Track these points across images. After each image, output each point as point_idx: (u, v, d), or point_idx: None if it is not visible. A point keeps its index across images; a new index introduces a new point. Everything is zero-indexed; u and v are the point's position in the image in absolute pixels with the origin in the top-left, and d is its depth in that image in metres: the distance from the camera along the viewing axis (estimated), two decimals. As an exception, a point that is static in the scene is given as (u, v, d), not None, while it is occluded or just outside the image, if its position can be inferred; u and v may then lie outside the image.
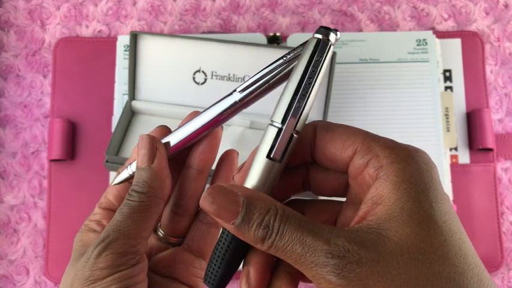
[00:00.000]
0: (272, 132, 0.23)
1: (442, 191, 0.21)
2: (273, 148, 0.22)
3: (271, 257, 0.23)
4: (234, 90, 0.26)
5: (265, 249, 0.21)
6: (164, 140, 0.27)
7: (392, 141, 0.22)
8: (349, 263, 0.19)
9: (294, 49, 0.24)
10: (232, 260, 0.23)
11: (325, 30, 0.23)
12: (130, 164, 0.28)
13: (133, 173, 0.28)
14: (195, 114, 0.27)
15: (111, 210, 0.28)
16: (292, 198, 0.26)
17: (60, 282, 0.27)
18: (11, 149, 0.58)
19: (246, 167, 0.24)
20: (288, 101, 0.23)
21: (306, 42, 0.24)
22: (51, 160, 0.56)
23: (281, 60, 0.25)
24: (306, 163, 0.25)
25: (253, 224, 0.21)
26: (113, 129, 0.55)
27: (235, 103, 0.26)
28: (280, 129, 0.22)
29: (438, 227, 0.20)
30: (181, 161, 0.29)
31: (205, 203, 0.21)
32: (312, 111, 0.23)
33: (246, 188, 0.22)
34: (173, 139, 0.27)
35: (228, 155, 0.29)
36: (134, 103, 0.55)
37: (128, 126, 0.55)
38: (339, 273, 0.19)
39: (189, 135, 0.27)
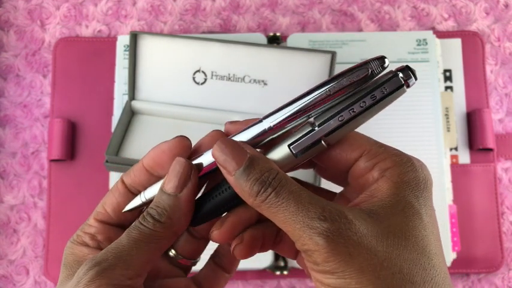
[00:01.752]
0: (306, 128, 0.23)
1: (432, 203, 0.23)
2: (297, 141, 0.23)
3: (251, 217, 0.25)
4: (263, 118, 0.24)
5: (256, 203, 0.22)
6: (196, 161, 0.25)
7: (398, 149, 0.23)
8: (340, 229, 0.20)
9: (339, 78, 0.23)
10: (218, 205, 0.24)
11: (409, 74, 0.22)
12: (144, 191, 0.26)
13: (147, 200, 0.25)
14: (219, 135, 0.26)
15: (108, 225, 0.26)
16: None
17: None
18: (10, 149, 0.58)
19: (243, 123, 0.25)
20: (337, 110, 0.23)
21: (387, 74, 0.23)
22: (51, 160, 0.56)
23: (325, 90, 0.23)
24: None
25: (251, 178, 0.22)
26: (112, 129, 0.55)
27: (265, 131, 0.24)
28: (312, 130, 0.23)
29: (424, 225, 0.21)
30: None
31: (215, 151, 0.23)
32: None
33: (255, 150, 0.23)
34: (203, 161, 0.25)
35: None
36: (134, 103, 0.55)
37: (128, 126, 0.55)
38: (328, 236, 0.20)
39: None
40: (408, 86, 0.22)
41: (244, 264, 0.53)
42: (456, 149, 0.57)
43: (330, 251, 0.20)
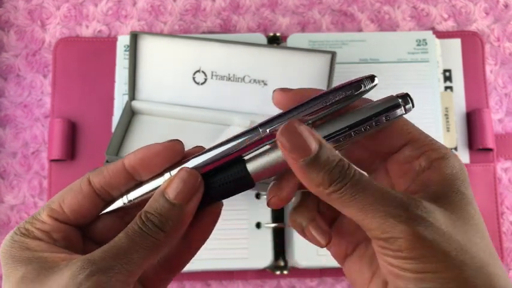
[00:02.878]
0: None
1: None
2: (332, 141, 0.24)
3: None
4: (259, 126, 0.24)
5: (328, 192, 0.21)
6: (192, 164, 0.24)
7: (440, 142, 0.25)
8: (422, 217, 0.20)
9: (336, 91, 0.23)
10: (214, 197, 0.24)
11: (408, 101, 0.24)
12: (127, 193, 0.25)
13: (129, 202, 0.24)
14: (201, 149, 0.25)
15: (65, 224, 0.24)
16: None
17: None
18: (11, 149, 0.58)
19: (296, 91, 0.24)
20: (343, 126, 0.23)
21: (384, 99, 0.24)
22: (51, 160, 0.57)
23: (320, 101, 0.23)
24: None
25: (324, 166, 0.21)
26: (113, 129, 0.55)
27: (260, 139, 0.24)
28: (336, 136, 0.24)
29: (478, 214, 0.23)
30: None
31: (281, 137, 0.21)
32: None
33: (321, 137, 0.22)
34: (199, 161, 0.24)
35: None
36: (134, 103, 0.55)
37: (128, 126, 0.55)
38: (411, 223, 0.20)
39: (213, 159, 0.24)
40: (406, 113, 0.24)
41: (244, 264, 0.53)
42: (456, 149, 0.57)
43: (415, 237, 0.20)
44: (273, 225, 0.54)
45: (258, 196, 0.54)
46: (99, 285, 0.20)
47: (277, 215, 0.55)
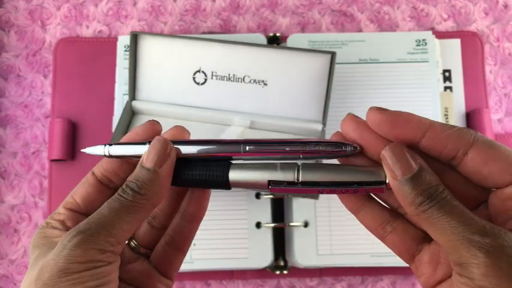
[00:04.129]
0: (290, 173, 0.25)
1: None
2: (278, 184, 0.25)
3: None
4: (244, 143, 0.26)
5: (416, 212, 0.23)
6: (177, 146, 0.26)
7: None
8: (502, 245, 0.20)
9: (317, 144, 0.25)
10: (200, 181, 0.26)
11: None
12: (110, 144, 0.27)
13: (108, 155, 0.27)
14: (181, 131, 0.28)
15: (77, 213, 0.27)
16: None
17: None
18: (11, 149, 0.58)
19: (392, 113, 0.25)
20: (323, 181, 0.24)
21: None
22: (52, 160, 0.57)
23: (301, 148, 0.25)
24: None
25: (419, 187, 0.23)
26: (113, 130, 0.55)
27: (240, 153, 0.26)
28: (295, 183, 0.25)
29: None
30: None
31: (386, 154, 0.23)
32: (311, 110, 0.24)
33: (422, 160, 0.24)
34: (183, 149, 0.26)
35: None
36: (134, 103, 0.55)
37: (128, 126, 0.55)
38: (489, 250, 0.20)
39: (195, 154, 0.26)
40: (384, 190, 0.25)
41: (244, 264, 0.53)
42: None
43: (490, 265, 0.20)
44: (273, 225, 0.54)
45: (258, 196, 0.55)
46: (80, 244, 0.22)
47: (277, 215, 0.55)
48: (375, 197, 0.27)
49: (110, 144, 0.27)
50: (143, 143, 0.26)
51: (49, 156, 0.57)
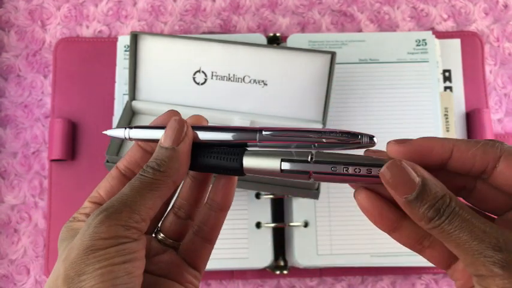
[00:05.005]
0: (304, 154, 0.25)
1: None
2: (290, 161, 0.25)
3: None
4: (259, 130, 0.26)
5: (428, 227, 0.23)
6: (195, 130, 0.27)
7: None
8: None
9: (332, 133, 0.25)
10: (219, 167, 0.26)
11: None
12: (131, 127, 0.28)
13: (129, 137, 0.28)
14: (199, 118, 0.28)
15: (101, 205, 0.27)
16: None
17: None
18: (11, 149, 0.58)
19: (413, 143, 0.24)
20: (336, 160, 0.24)
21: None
22: (52, 160, 0.57)
23: (318, 135, 0.25)
24: (470, 177, 0.25)
25: (425, 203, 0.22)
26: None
27: (255, 140, 0.26)
28: (308, 161, 0.25)
29: None
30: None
31: (386, 173, 0.23)
32: (311, 110, 0.24)
33: (424, 170, 0.23)
34: (201, 136, 0.27)
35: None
36: (134, 103, 0.55)
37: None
38: (503, 266, 0.21)
39: (211, 140, 0.27)
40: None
41: (244, 264, 0.54)
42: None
43: (507, 278, 0.20)
44: (273, 225, 0.54)
45: (258, 196, 0.55)
46: (104, 221, 0.23)
47: (277, 215, 0.55)
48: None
49: (131, 127, 0.28)
50: (162, 128, 0.27)
51: (49, 156, 0.57)
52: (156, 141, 0.27)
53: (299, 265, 0.53)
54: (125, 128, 0.28)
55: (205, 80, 0.54)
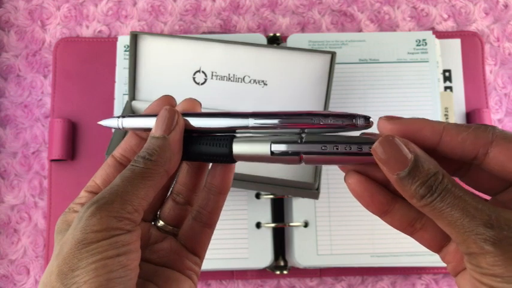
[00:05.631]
0: (294, 136, 0.25)
1: None
2: (280, 142, 0.25)
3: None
4: (250, 115, 0.26)
5: (420, 205, 0.22)
6: (185, 118, 0.27)
7: None
8: (507, 237, 0.20)
9: (327, 116, 0.24)
10: (212, 155, 0.26)
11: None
12: (123, 116, 0.27)
13: (122, 127, 0.28)
14: (192, 102, 0.28)
15: (97, 194, 0.27)
16: None
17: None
18: (11, 149, 0.58)
19: (403, 122, 0.24)
20: (327, 140, 0.24)
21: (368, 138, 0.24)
22: (52, 160, 0.57)
23: (310, 119, 0.25)
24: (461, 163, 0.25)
25: (417, 180, 0.22)
26: (113, 130, 0.55)
27: (247, 127, 0.26)
28: (297, 142, 0.24)
29: None
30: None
31: (378, 149, 0.22)
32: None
33: (417, 146, 0.23)
34: (193, 122, 0.27)
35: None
36: (134, 103, 0.55)
37: (128, 126, 0.55)
38: (494, 243, 0.20)
39: (201, 127, 0.27)
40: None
41: (244, 264, 0.53)
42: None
43: (497, 256, 0.20)
44: (273, 225, 0.54)
45: (258, 196, 0.55)
46: (95, 213, 0.22)
47: (277, 215, 0.55)
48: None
49: (124, 116, 0.28)
50: (155, 116, 0.27)
51: (49, 156, 0.57)
52: (149, 129, 0.26)
53: (299, 265, 0.53)
54: (118, 118, 0.28)
55: (205, 80, 0.54)
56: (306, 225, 0.54)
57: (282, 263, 0.54)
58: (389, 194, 0.25)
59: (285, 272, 0.54)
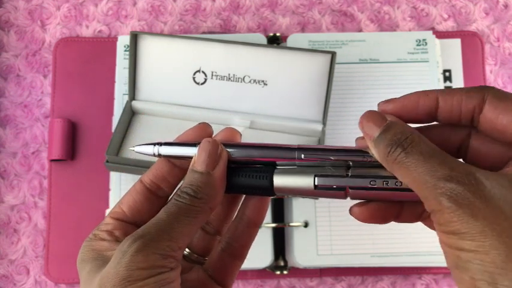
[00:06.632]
0: (340, 169, 0.24)
1: None
2: (325, 176, 0.24)
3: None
4: (299, 149, 0.25)
5: (386, 162, 0.22)
6: (228, 149, 0.26)
7: None
8: (465, 190, 0.20)
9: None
10: (253, 187, 0.25)
11: None
12: (160, 144, 0.26)
13: (158, 154, 0.26)
14: (232, 133, 0.27)
15: (124, 222, 0.26)
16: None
17: (60, 281, 0.26)
18: (11, 149, 0.58)
19: (400, 99, 0.25)
20: (374, 174, 0.24)
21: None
22: (52, 160, 0.57)
23: (360, 157, 0.24)
24: (468, 130, 0.24)
25: (385, 139, 0.22)
26: (113, 129, 0.55)
27: (294, 159, 0.25)
28: (343, 176, 0.24)
29: None
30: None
31: (363, 119, 0.24)
32: (311, 110, 0.24)
33: (398, 119, 0.24)
34: (235, 153, 0.26)
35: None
36: (134, 103, 0.55)
37: (128, 126, 0.55)
38: (451, 196, 0.20)
39: (244, 158, 0.26)
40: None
41: (244, 264, 0.53)
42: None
43: (453, 211, 0.19)
44: (273, 225, 0.54)
45: (258, 196, 0.54)
46: (141, 249, 0.21)
47: (277, 215, 0.55)
48: None
49: (160, 144, 0.26)
50: (194, 144, 0.26)
51: (49, 156, 0.57)
52: (187, 158, 0.25)
53: (299, 265, 0.53)
54: (154, 145, 0.26)
55: (205, 80, 0.54)
56: (306, 225, 0.54)
57: (282, 263, 0.54)
58: (394, 206, 0.25)
59: (285, 272, 0.54)
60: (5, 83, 0.60)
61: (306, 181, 0.24)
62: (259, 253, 0.53)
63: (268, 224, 0.54)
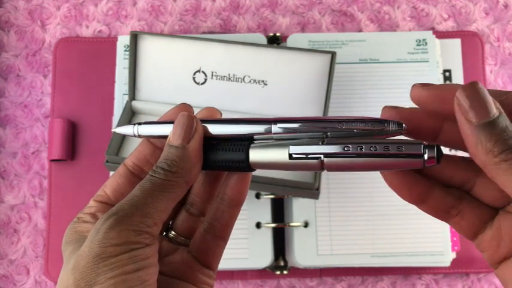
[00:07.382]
0: (315, 140, 0.23)
1: None
2: (299, 144, 0.23)
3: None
4: (275, 122, 0.24)
5: (493, 161, 0.20)
6: (204, 124, 0.25)
7: None
8: None
9: (356, 121, 0.23)
10: (231, 161, 0.24)
11: (434, 152, 0.21)
12: (139, 124, 0.26)
13: (138, 134, 0.26)
14: (212, 111, 0.27)
15: (108, 205, 0.26)
16: None
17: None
18: (11, 149, 0.58)
19: (440, 88, 0.22)
20: (348, 142, 0.22)
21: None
22: (52, 160, 0.57)
23: (337, 123, 0.23)
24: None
25: (500, 133, 0.20)
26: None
27: (270, 133, 0.24)
28: (318, 143, 0.23)
29: None
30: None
31: (460, 95, 0.20)
32: (311, 110, 0.23)
33: (499, 105, 0.21)
34: (211, 129, 0.25)
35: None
36: (134, 103, 0.55)
37: (128, 126, 0.55)
38: None
39: (220, 135, 0.25)
40: (424, 164, 0.21)
41: (244, 264, 0.53)
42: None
43: None
44: (273, 225, 0.54)
45: (258, 196, 0.54)
46: (114, 226, 0.21)
47: (277, 215, 0.55)
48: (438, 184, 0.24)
49: (140, 124, 0.27)
50: (172, 122, 0.25)
51: (49, 156, 0.57)
52: (166, 137, 0.25)
53: (299, 265, 0.53)
54: (134, 125, 0.27)
55: (205, 80, 0.54)
56: (306, 225, 0.54)
57: (282, 263, 0.54)
58: (427, 182, 0.24)
59: (285, 272, 0.54)
60: (5, 83, 0.60)
61: (281, 153, 0.23)
62: (259, 253, 0.53)
63: (268, 224, 0.54)
